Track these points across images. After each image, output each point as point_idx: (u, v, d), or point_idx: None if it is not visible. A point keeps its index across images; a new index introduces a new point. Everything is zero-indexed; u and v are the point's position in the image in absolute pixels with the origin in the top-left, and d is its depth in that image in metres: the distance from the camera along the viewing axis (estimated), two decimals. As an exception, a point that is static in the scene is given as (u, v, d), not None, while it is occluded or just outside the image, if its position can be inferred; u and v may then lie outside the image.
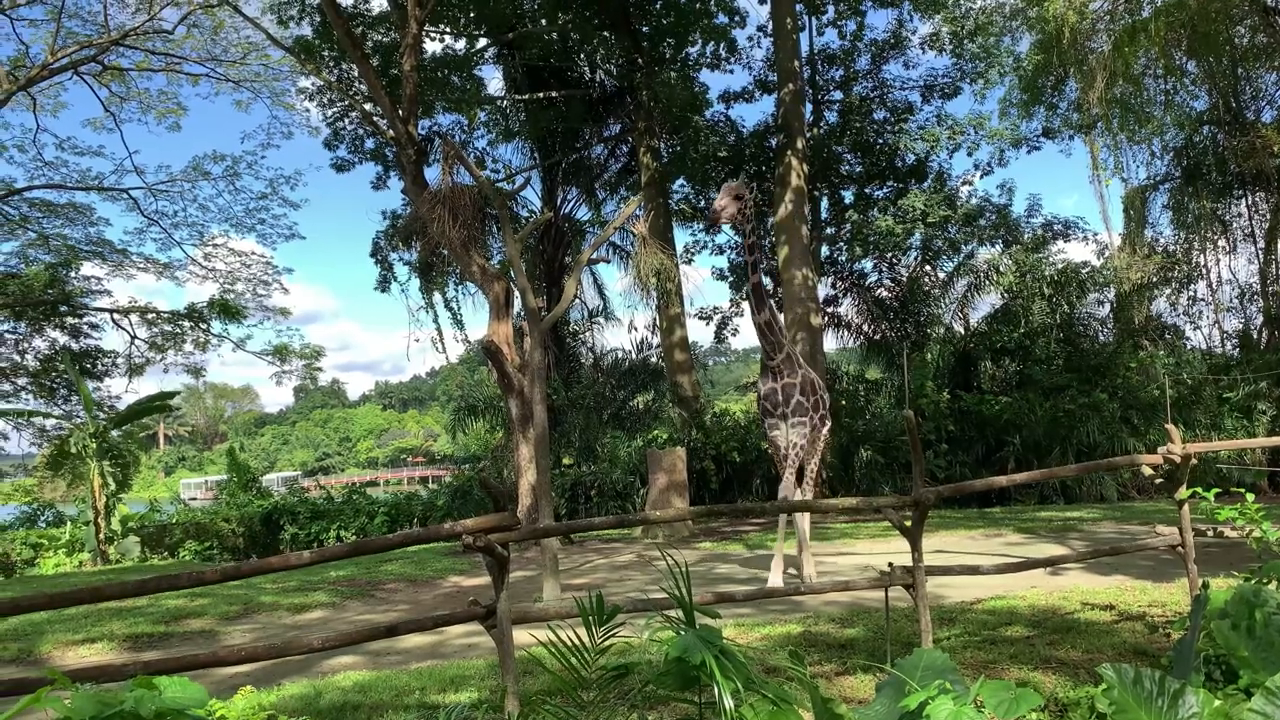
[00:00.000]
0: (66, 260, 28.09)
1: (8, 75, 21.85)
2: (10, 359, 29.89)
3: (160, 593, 8.23)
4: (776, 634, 7.52)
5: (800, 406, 10.04)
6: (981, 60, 24.15)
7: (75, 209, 26.99)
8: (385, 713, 5.73)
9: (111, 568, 19.87)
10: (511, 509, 5.65)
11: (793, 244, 20.96)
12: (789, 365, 10.05)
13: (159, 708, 2.36)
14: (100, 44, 23.00)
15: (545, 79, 22.11)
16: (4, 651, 8.63)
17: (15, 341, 29.84)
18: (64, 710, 2.28)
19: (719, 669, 3.82)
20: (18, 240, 27.47)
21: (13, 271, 27.95)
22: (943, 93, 25.36)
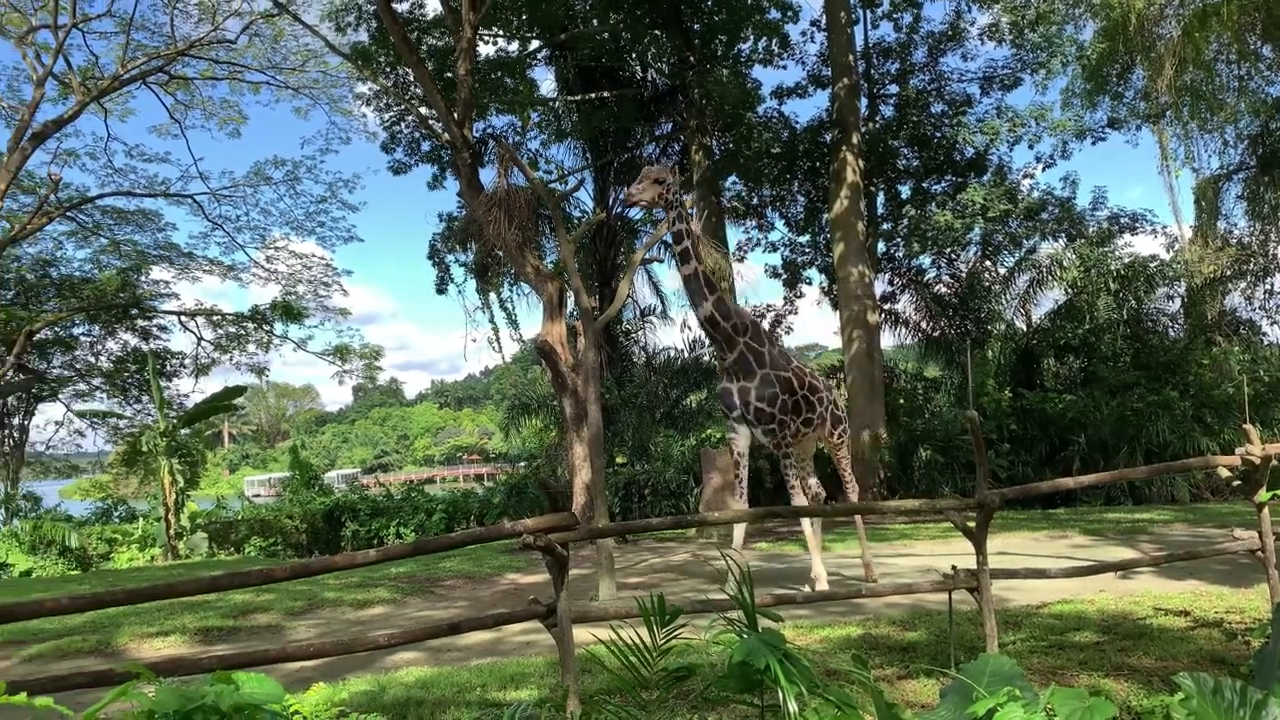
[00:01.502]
0: (136, 265, 29.01)
1: (80, 86, 22.56)
2: (86, 360, 30.98)
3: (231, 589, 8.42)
4: (836, 636, 7.45)
5: (761, 414, 9.26)
6: (1043, 50, 23.57)
7: (144, 215, 27.85)
8: (447, 709, 5.79)
9: (181, 563, 20.46)
10: (570, 509, 5.70)
11: (848, 240, 20.74)
12: (744, 365, 9.27)
13: (237, 702, 2.42)
14: (167, 55, 23.66)
15: (597, 79, 22.18)
16: (84, 643, 8.93)
17: (90, 343, 30.93)
18: (149, 703, 2.35)
19: (783, 673, 3.79)
20: (91, 246, 28.45)
21: (87, 276, 28.95)
22: (1003, 84, 24.85)
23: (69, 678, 4.05)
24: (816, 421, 9.83)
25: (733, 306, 9.45)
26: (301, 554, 22.75)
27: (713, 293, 9.14)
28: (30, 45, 22.30)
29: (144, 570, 19.26)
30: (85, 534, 21.91)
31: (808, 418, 9.66)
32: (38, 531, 21.19)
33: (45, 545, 21.10)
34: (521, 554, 14.29)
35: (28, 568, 20.30)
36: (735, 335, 9.21)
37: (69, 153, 25.65)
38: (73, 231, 27.54)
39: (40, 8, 21.87)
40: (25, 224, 23.76)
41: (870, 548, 11.16)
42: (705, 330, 9.41)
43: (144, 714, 2.34)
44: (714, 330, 9.24)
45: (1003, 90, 24.94)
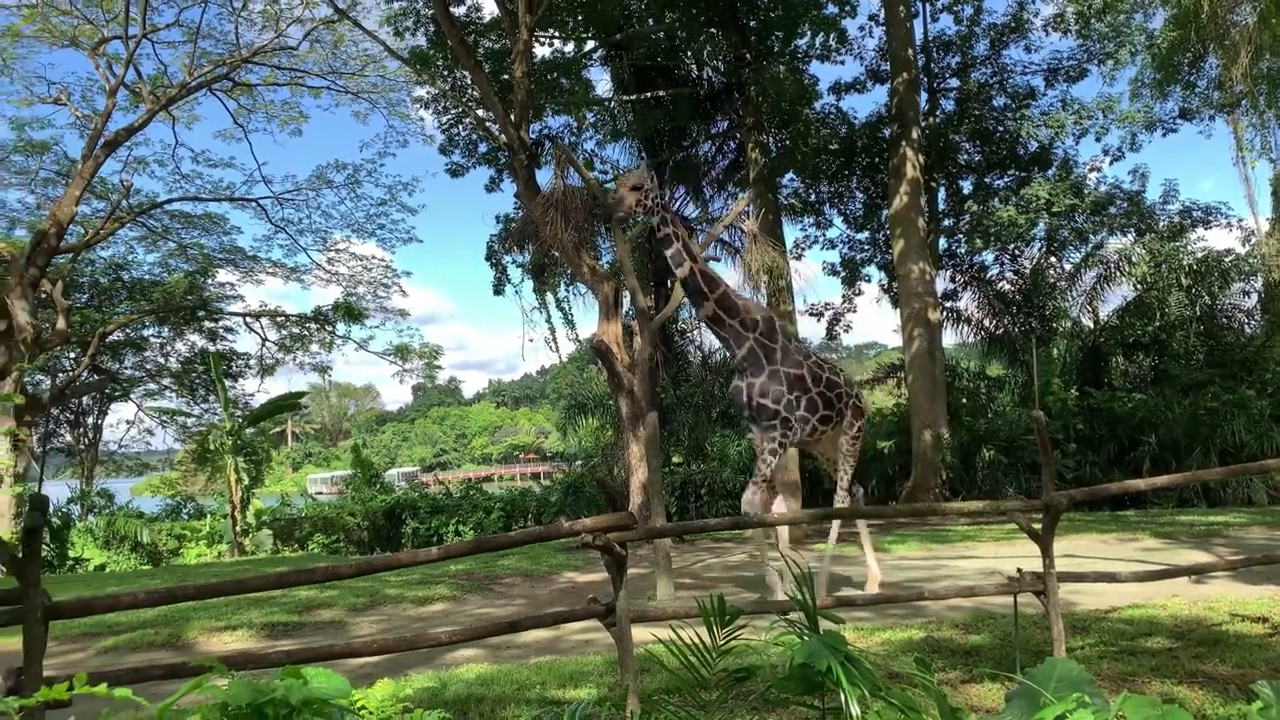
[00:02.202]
0: (203, 268, 29.82)
1: (150, 95, 23.22)
2: (155, 361, 31.94)
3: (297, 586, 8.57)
4: (897, 639, 7.36)
5: (764, 410, 8.97)
6: (1110, 40, 22.94)
7: (210, 219, 28.54)
8: (507, 706, 5.83)
9: (247, 559, 20.94)
10: (629, 509, 5.70)
11: (909, 237, 20.46)
12: (754, 362, 9.03)
13: (306, 696, 2.46)
14: (231, 62, 24.23)
15: (652, 78, 22.15)
16: (155, 636, 9.18)
17: (160, 345, 31.88)
18: (222, 696, 2.40)
19: (845, 675, 3.75)
20: (160, 250, 29.29)
21: (156, 279, 29.84)
22: (1068, 76, 24.26)
23: (144, 670, 4.16)
24: (836, 418, 9.51)
25: (740, 302, 9.18)
26: (363, 551, 23.15)
27: (714, 290, 8.94)
28: (102, 56, 23.03)
29: (211, 566, 19.77)
30: (156, 530, 22.54)
31: (825, 415, 9.34)
32: (111, 527, 21.86)
33: (118, 541, 21.76)
34: (579, 552, 14.38)
35: (102, 562, 20.96)
36: (744, 332, 9.01)
37: (139, 160, 26.50)
38: (143, 236, 28.37)
39: (111, 19, 22.55)
40: (99, 229, 24.53)
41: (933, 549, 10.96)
42: (712, 330, 9.20)
43: (218, 706, 2.39)
44: (720, 329, 9.06)
45: (1068, 82, 24.38)
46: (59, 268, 24.02)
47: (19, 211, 27.19)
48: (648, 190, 8.74)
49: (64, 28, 22.68)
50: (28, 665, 3.69)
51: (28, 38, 22.70)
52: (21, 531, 3.82)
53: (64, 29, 22.69)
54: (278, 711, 2.43)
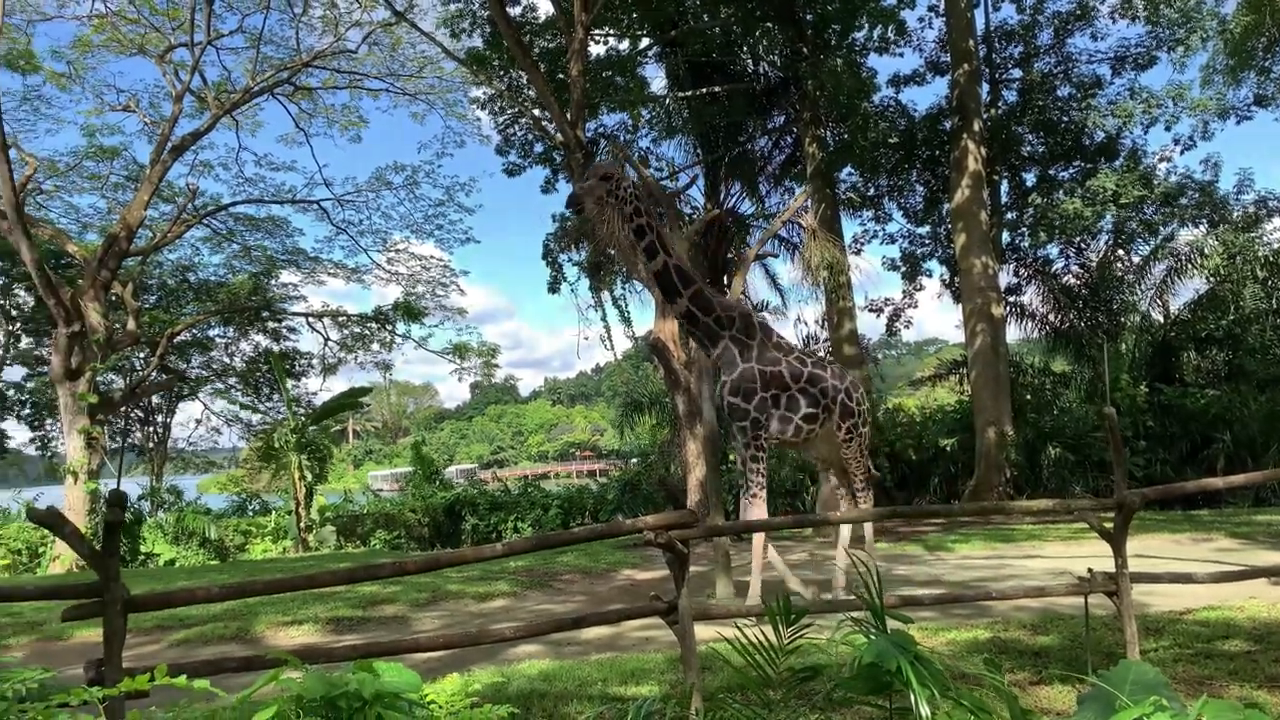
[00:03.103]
0: (267, 269, 30.48)
1: (214, 100, 23.81)
2: (221, 361, 32.76)
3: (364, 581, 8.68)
4: (963, 639, 7.24)
5: (735, 410, 8.73)
6: (1180, 25, 22.25)
7: (273, 221, 29.16)
8: (570, 702, 5.84)
9: (311, 554, 21.35)
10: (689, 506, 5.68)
11: (970, 231, 20.10)
12: (729, 360, 8.80)
13: (378, 690, 2.49)
14: (293, 66, 24.73)
15: (708, 74, 22.06)
16: (225, 630, 9.40)
17: (225, 344, 32.68)
18: (297, 688, 2.44)
19: (914, 675, 3.69)
20: (225, 252, 30.03)
21: (221, 281, 30.59)
22: (1136, 63, 23.59)
23: (218, 662, 4.25)
24: (823, 416, 9.17)
25: (717, 299, 8.97)
26: (424, 547, 23.45)
27: (688, 286, 8.70)
28: (169, 63, 23.69)
29: (276, 561, 20.19)
30: (223, 526, 23.09)
31: (810, 414, 9.02)
32: (180, 523, 22.45)
33: (187, 536, 22.33)
34: (637, 550, 14.39)
35: (171, 557, 21.54)
36: (719, 330, 8.80)
37: (204, 164, 27.19)
38: (208, 238, 29.10)
39: (177, 27, 23.17)
40: (166, 232, 25.23)
41: (998, 549, 10.70)
42: (684, 327, 8.99)
43: (293, 699, 2.43)
44: (693, 326, 8.84)
45: (1136, 70, 23.70)
46: (129, 270, 24.74)
47: (90, 216, 28.12)
48: (618, 180, 8.55)
49: (132, 36, 23.36)
50: (108, 656, 3.78)
51: (98, 47, 23.43)
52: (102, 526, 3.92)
53: (132, 38, 23.37)
54: (350, 704, 2.47)
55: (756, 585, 9.06)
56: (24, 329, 30.12)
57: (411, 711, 2.67)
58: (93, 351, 20.59)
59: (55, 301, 19.68)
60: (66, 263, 25.45)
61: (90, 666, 3.81)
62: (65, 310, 19.83)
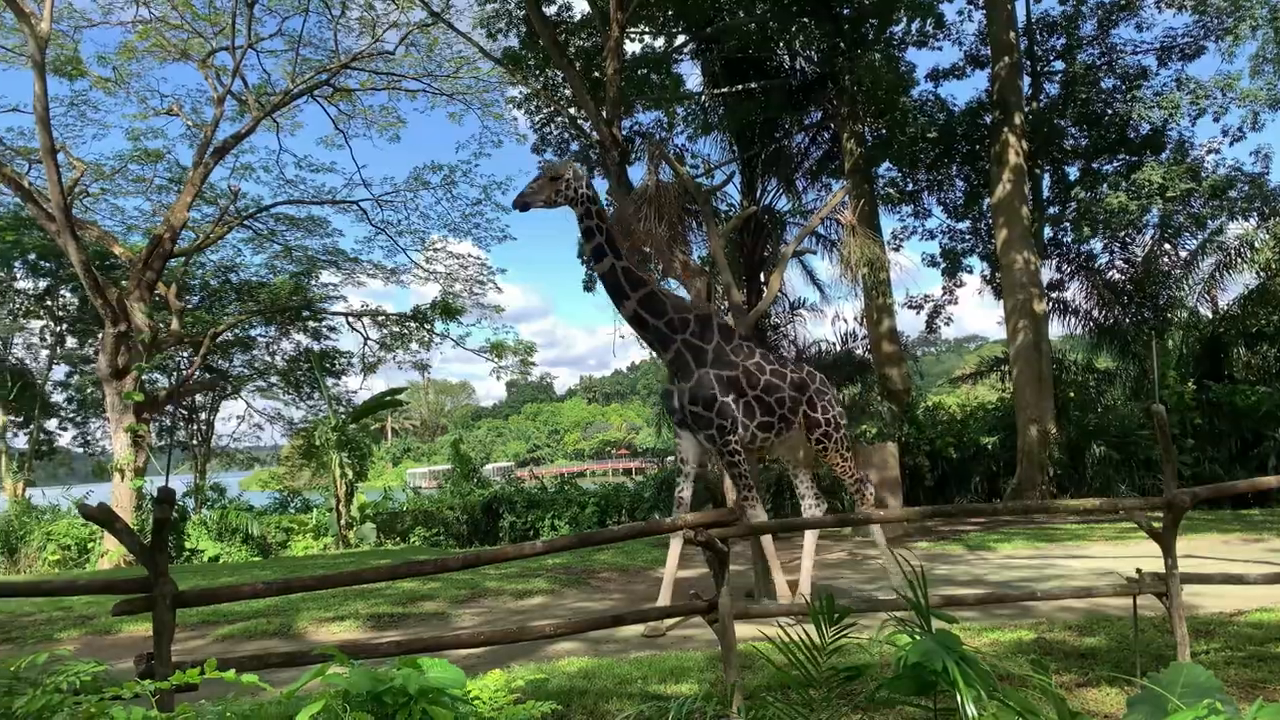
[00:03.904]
0: (307, 269, 30.86)
1: (255, 103, 24.14)
2: (263, 360, 33.22)
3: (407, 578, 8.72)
4: (1006, 640, 7.15)
5: (700, 419, 8.57)
6: (1229, 14, 21.72)
7: (313, 222, 29.49)
8: (610, 700, 5.84)
9: (352, 551, 21.58)
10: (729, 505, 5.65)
11: (1012, 226, 19.83)
12: (682, 365, 8.64)
13: (423, 685, 2.50)
14: (331, 68, 25.00)
15: (743, 71, 21.96)
16: (268, 625, 9.52)
17: (266, 344, 33.13)
18: (343, 683, 2.46)
19: (961, 675, 3.64)
20: (266, 253, 30.42)
21: (263, 281, 31.02)
22: (1183, 54, 23.10)
23: (263, 656, 4.29)
24: (779, 425, 8.94)
25: (671, 302, 8.81)
26: (462, 544, 23.60)
27: (637, 289, 8.57)
28: (210, 68, 24.05)
29: (318, 558, 20.43)
30: (265, 523, 23.39)
31: (765, 421, 8.82)
32: (224, 520, 22.79)
33: (230, 533, 22.66)
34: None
35: (215, 553, 21.87)
36: (671, 333, 8.61)
37: (245, 166, 27.54)
38: (250, 239, 29.50)
39: (218, 32, 23.53)
40: (209, 233, 25.63)
41: (1041, 548, 10.51)
42: (636, 332, 8.81)
43: (339, 693, 2.45)
44: (643, 331, 8.71)
45: (1183, 60, 23.23)
46: (173, 271, 25.15)
47: (135, 218, 28.63)
48: (568, 181, 8.51)
49: (175, 41, 23.76)
50: (157, 650, 3.84)
51: (142, 53, 23.86)
52: (151, 523, 3.98)
53: (175, 43, 23.76)
54: (396, 700, 2.48)
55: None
56: (69, 329, 30.77)
57: (455, 707, 2.68)
58: (138, 351, 20.98)
59: (102, 302, 20.08)
60: (112, 264, 25.94)
61: (140, 660, 3.87)
62: (112, 310, 20.22)
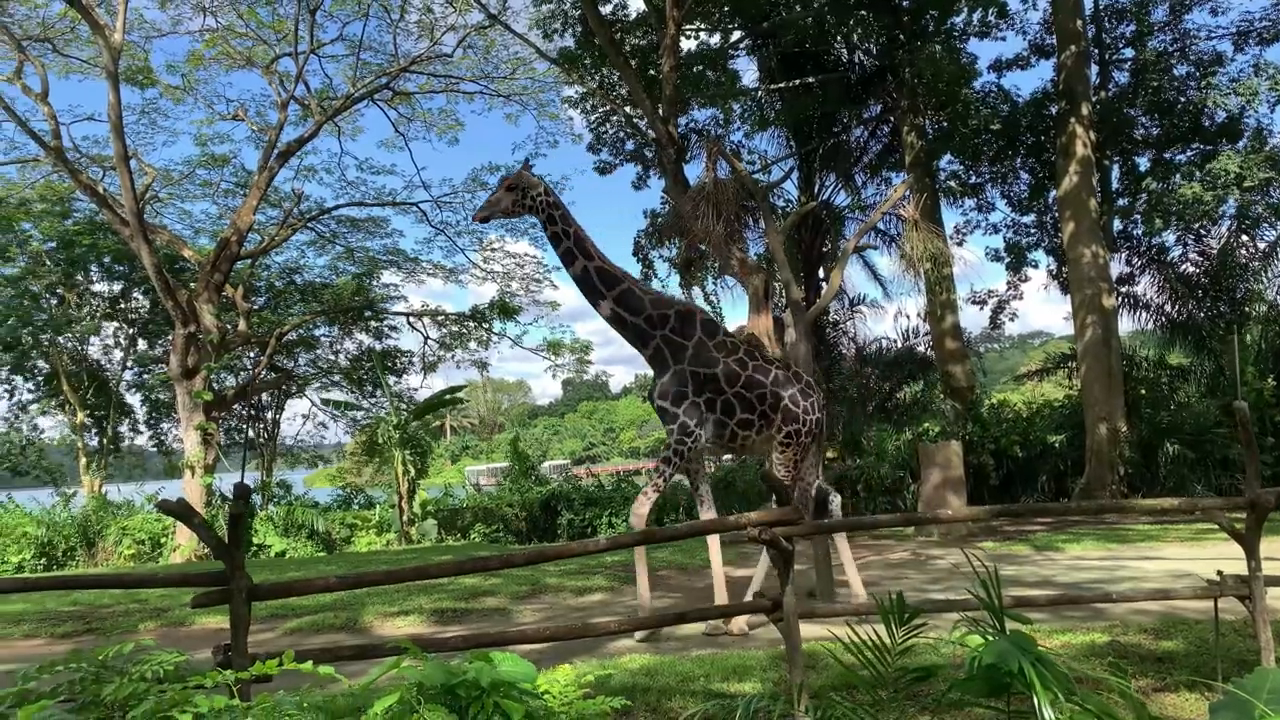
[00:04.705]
0: (369, 270, 31.40)
1: (318, 107, 24.62)
2: (327, 359, 33.88)
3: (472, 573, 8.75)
4: (1078, 642, 6.98)
5: (664, 413, 8.44)
6: (1311, -4, 20.93)
7: (374, 223, 30.01)
8: (673, 697, 5.82)
9: (414, 547, 21.89)
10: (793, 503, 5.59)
11: (1079, 219, 19.35)
12: (660, 362, 8.52)
13: (495, 679, 2.51)
14: (391, 72, 25.40)
15: (801, 65, 21.78)
16: (335, 619, 9.69)
17: (330, 343, 33.78)
18: (417, 676, 2.48)
19: (1037, 677, 3.57)
20: (329, 254, 31.03)
21: (326, 282, 31.63)
22: (1261, 38, 22.23)
23: (335, 650, 4.36)
24: (760, 423, 8.73)
25: (650, 298, 8.72)
26: (521, 541, 23.79)
27: (613, 288, 8.55)
28: (274, 73, 24.61)
29: (381, 554, 20.76)
30: (330, 519, 23.82)
31: (745, 419, 8.61)
32: (290, 516, 23.25)
33: (296, 529, 23.11)
34: (733, 547, 14.29)
35: (282, 549, 22.32)
36: (650, 329, 8.54)
37: (308, 169, 28.11)
38: (313, 241, 30.11)
39: (282, 38, 24.05)
40: (274, 235, 26.21)
41: (1112, 549, 10.23)
42: (616, 331, 8.73)
43: (413, 685, 2.47)
44: (622, 329, 8.65)
45: (1261, 45, 22.34)
46: (239, 273, 25.77)
47: (203, 221, 29.42)
48: (525, 189, 8.44)
49: (240, 49, 24.35)
50: (234, 641, 3.92)
51: (209, 61, 24.50)
52: (226, 518, 4.08)
53: (240, 50, 24.36)
54: (469, 693, 2.50)
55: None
56: (142, 331, 31.73)
57: (526, 701, 2.68)
58: (207, 351, 21.54)
59: (173, 304, 20.66)
60: (181, 267, 26.69)
61: (217, 651, 3.96)
62: (182, 312, 20.79)
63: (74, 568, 20.49)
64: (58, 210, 27.42)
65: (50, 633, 9.92)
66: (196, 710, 2.37)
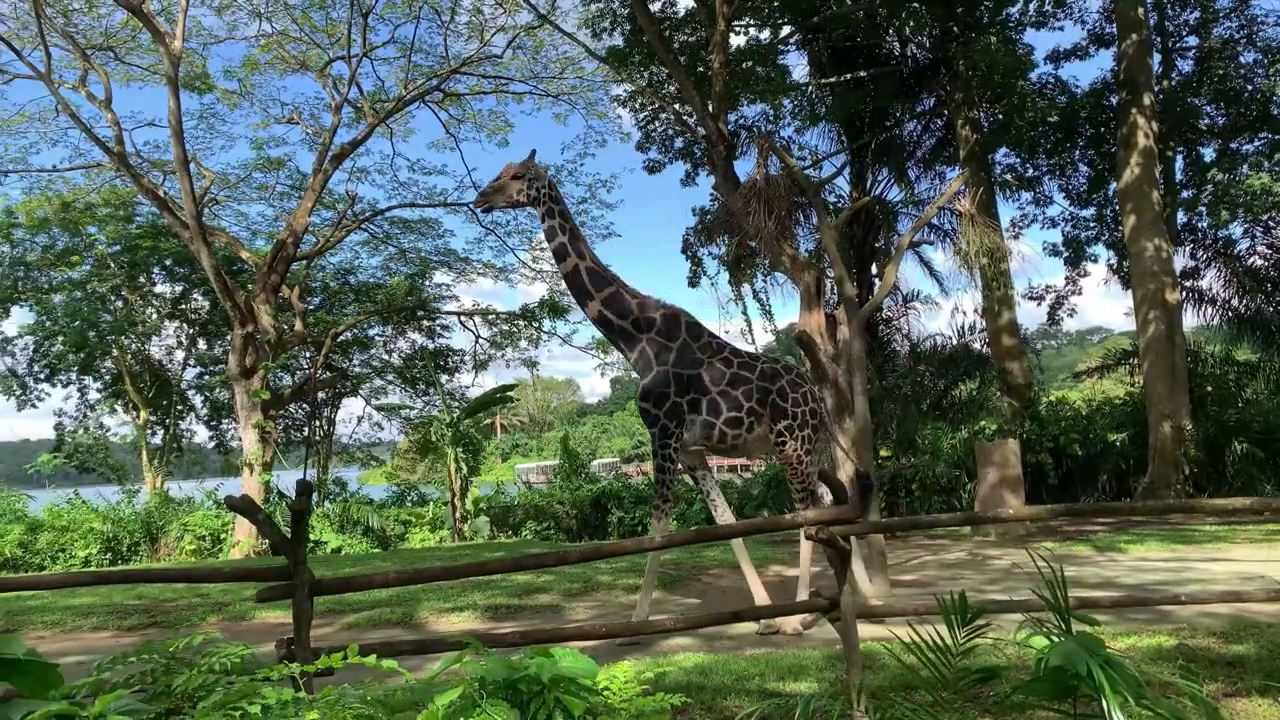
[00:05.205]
0: (421, 270, 31.79)
1: (370, 109, 24.96)
2: (380, 358, 34.38)
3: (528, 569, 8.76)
4: (1144, 646, 6.81)
5: (646, 415, 8.36)
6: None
7: (426, 224, 30.33)
8: (728, 696, 5.79)
9: (467, 544, 22.08)
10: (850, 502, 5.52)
11: (1141, 212, 18.88)
12: (645, 364, 8.40)
13: (556, 674, 2.52)
14: (441, 74, 25.65)
15: (852, 59, 21.53)
16: (391, 615, 9.82)
17: (384, 343, 34.26)
18: (479, 670, 2.49)
19: (1107, 680, 3.48)
20: (381, 255, 31.45)
21: (379, 282, 32.07)
22: (1333, 23, 21.58)
23: (395, 644, 4.41)
24: (750, 420, 8.58)
25: (637, 301, 8.61)
26: (572, 539, 23.86)
27: (601, 290, 8.46)
28: (328, 77, 25.02)
29: (435, 550, 20.98)
30: (384, 516, 24.14)
31: (734, 418, 8.48)
32: (345, 513, 23.60)
33: (352, 525, 23.45)
34: (784, 545, 14.22)
35: (337, 545, 22.65)
36: (635, 333, 8.45)
37: (361, 171, 28.50)
38: (366, 241, 30.52)
39: (335, 42, 24.43)
40: (329, 237, 26.63)
41: (1178, 550, 9.95)
42: (603, 334, 8.68)
43: (476, 680, 2.48)
44: (609, 331, 8.60)
45: (1333, 29, 21.67)
46: (295, 274, 26.22)
47: (259, 223, 30.03)
48: (530, 179, 8.44)
49: (295, 54, 24.78)
50: (297, 635, 3.99)
51: (264, 66, 24.98)
52: (290, 514, 4.14)
53: (295, 55, 24.79)
54: (530, 688, 2.51)
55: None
56: (201, 331, 32.48)
57: (587, 697, 2.68)
58: (265, 351, 21.97)
59: (231, 304, 21.10)
60: (239, 268, 27.24)
61: (281, 645, 4.03)
62: (240, 312, 21.23)
63: (138, 562, 21.04)
64: (121, 214, 28.21)
65: (117, 626, 10.19)
66: (265, 702, 2.40)
